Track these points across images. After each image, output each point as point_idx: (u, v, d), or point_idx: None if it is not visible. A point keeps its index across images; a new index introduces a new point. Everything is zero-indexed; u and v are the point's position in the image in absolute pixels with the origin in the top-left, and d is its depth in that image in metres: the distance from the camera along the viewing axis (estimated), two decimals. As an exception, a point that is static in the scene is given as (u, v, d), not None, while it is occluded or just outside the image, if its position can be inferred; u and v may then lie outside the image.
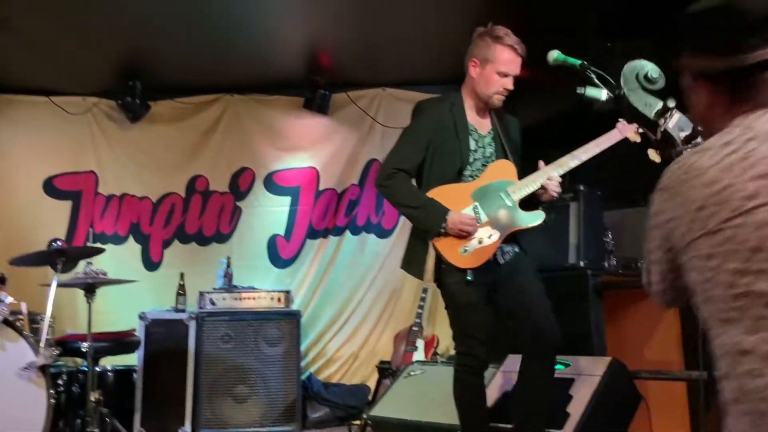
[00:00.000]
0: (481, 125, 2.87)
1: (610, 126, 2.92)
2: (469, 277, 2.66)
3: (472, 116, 2.87)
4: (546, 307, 2.72)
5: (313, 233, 5.28)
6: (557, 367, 3.23)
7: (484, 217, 2.71)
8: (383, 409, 3.67)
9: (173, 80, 5.16)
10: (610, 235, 3.98)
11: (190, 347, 4.51)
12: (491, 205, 2.73)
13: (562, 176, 2.84)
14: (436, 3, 4.26)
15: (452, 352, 4.66)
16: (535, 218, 2.75)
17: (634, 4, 4.07)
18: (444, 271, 2.72)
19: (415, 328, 4.65)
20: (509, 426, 3.06)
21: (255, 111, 5.30)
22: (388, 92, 5.33)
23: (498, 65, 2.75)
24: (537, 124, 4.51)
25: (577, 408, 2.97)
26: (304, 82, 5.08)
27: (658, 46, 4.17)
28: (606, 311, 3.78)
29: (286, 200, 5.28)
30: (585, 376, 3.13)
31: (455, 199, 2.72)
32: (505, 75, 2.77)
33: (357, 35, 4.68)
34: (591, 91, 2.49)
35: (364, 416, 3.77)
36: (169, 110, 5.26)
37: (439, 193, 2.74)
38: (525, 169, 2.88)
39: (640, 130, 2.81)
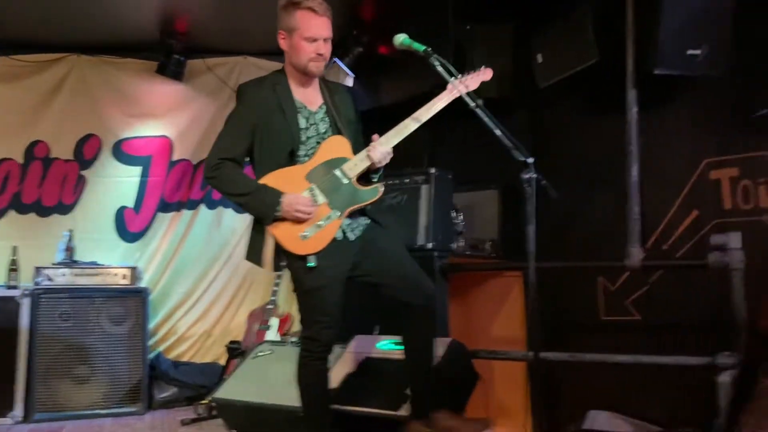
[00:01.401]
0: (310, 101, 2.76)
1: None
2: (310, 263, 2.59)
3: (298, 93, 2.75)
4: (412, 262, 2.75)
5: (165, 206, 5.03)
6: (399, 347, 3.28)
7: (321, 199, 2.64)
8: (227, 391, 3.58)
9: (10, 35, 4.68)
10: (461, 217, 4.07)
11: (23, 326, 4.21)
12: (328, 185, 2.66)
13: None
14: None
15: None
16: (372, 194, 2.72)
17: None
18: (289, 255, 2.64)
19: (269, 306, 4.57)
20: (352, 408, 3.09)
21: (104, 73, 4.93)
22: (250, 61, 5.13)
23: (303, 31, 2.64)
24: (399, 102, 4.52)
25: (415, 389, 3.01)
26: (158, 45, 4.77)
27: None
28: (453, 292, 3.87)
29: (137, 170, 4.99)
30: (425, 357, 3.17)
31: (290, 183, 2.63)
32: (314, 39, 2.64)
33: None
34: None
35: (209, 398, 3.68)
36: (5, 68, 4.76)
37: (272, 179, 2.64)
38: (368, 140, 2.79)
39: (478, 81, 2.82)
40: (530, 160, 2.56)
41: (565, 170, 3.77)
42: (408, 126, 2.73)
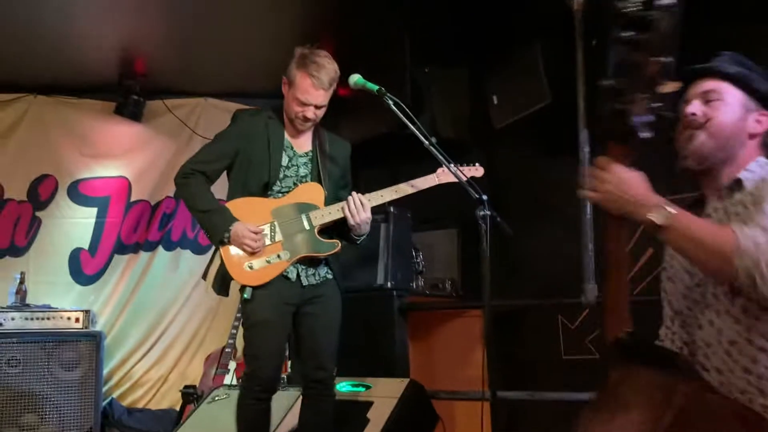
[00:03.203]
0: (299, 143, 2.82)
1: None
2: (246, 295, 2.62)
3: (290, 132, 2.81)
4: (332, 346, 2.78)
5: (122, 248, 4.93)
6: (359, 390, 3.25)
7: (279, 236, 2.68)
8: (181, 437, 3.48)
9: (-34, 74, 4.64)
10: (420, 256, 4.07)
11: (-31, 373, 4.05)
12: (289, 226, 2.70)
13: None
14: (259, 14, 4.15)
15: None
16: (328, 247, 2.75)
17: (449, 33, 4.22)
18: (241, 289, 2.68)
19: (227, 350, 4.46)
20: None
21: (60, 114, 4.87)
22: (210, 102, 5.13)
23: (296, 91, 2.69)
24: (357, 143, 4.55)
25: (372, 431, 2.96)
26: (116, 86, 4.75)
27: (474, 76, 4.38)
28: (414, 332, 3.84)
29: (93, 211, 4.89)
30: (383, 398, 3.14)
31: (254, 213, 2.68)
32: (304, 104, 2.69)
33: (175, 40, 4.46)
34: None
35: (161, 445, 3.56)
36: (-40, 108, 4.72)
37: (239, 204, 2.70)
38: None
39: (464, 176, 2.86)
40: (484, 197, 2.58)
41: (522, 209, 3.80)
42: (384, 196, 2.81)
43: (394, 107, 2.65)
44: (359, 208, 2.70)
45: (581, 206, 3.45)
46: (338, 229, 2.79)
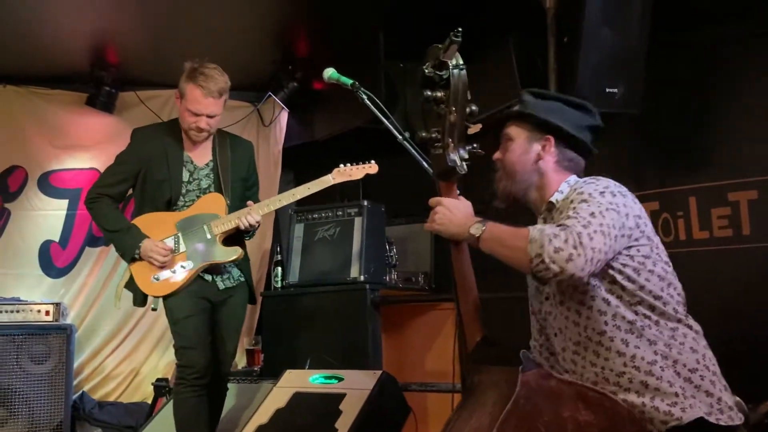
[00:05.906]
0: (198, 155, 2.98)
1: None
2: (153, 307, 2.89)
3: (188, 146, 2.96)
4: (233, 344, 3.04)
5: (93, 240, 4.87)
6: (331, 382, 3.28)
7: (183, 248, 2.88)
8: (153, 430, 3.47)
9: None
10: (394, 250, 4.09)
11: (-64, 367, 4.00)
12: (192, 237, 2.89)
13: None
14: (234, 6, 4.13)
15: (239, 367, 4.59)
16: (228, 254, 2.93)
17: (424, 28, 4.24)
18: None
19: (200, 342, 4.46)
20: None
21: (31, 104, 4.78)
22: (185, 95, 5.09)
23: (187, 103, 2.86)
24: (333, 137, 4.56)
25: (345, 423, 2.98)
26: (88, 76, 4.69)
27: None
28: (386, 324, 3.87)
29: (63, 203, 4.83)
30: (356, 390, 3.15)
31: (159, 227, 2.87)
32: (196, 114, 2.83)
33: (149, 31, 4.43)
34: None
35: (133, 438, 3.56)
36: (-73, 98, 4.62)
37: (145, 220, 2.90)
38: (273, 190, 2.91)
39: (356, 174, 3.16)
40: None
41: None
42: (282, 200, 3.02)
43: (367, 102, 2.67)
44: (253, 225, 2.93)
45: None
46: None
